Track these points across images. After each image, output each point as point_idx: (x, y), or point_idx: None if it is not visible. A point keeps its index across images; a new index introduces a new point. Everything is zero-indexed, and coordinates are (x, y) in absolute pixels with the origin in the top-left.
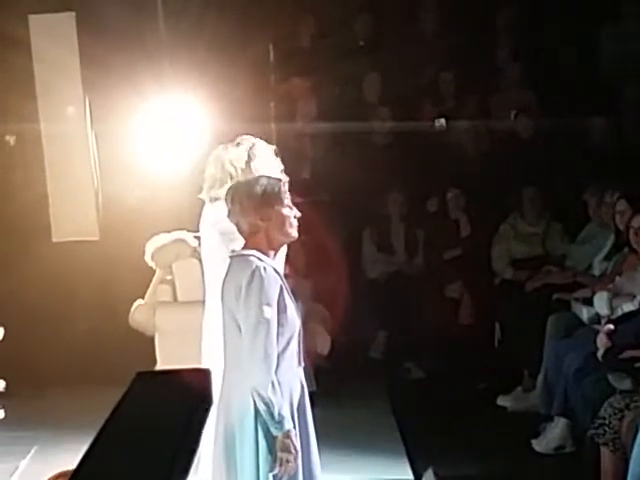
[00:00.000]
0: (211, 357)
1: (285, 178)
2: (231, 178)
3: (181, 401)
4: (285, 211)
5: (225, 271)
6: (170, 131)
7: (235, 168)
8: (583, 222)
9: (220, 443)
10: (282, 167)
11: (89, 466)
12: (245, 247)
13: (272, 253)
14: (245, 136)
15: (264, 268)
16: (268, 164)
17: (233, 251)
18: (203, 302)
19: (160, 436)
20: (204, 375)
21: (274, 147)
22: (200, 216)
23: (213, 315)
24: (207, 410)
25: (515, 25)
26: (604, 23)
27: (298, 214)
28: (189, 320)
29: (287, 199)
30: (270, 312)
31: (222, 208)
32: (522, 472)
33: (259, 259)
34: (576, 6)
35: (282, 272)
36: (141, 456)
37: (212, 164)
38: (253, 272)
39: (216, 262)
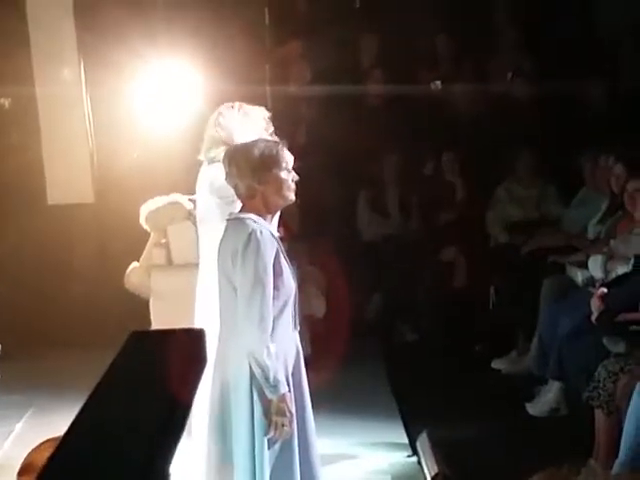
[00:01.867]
0: (205, 320)
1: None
2: (223, 140)
3: (175, 360)
4: (283, 174)
5: (221, 234)
6: (165, 94)
7: (223, 128)
8: (578, 185)
9: (215, 406)
10: (272, 130)
11: (81, 426)
12: (242, 210)
13: (269, 216)
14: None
15: (260, 231)
16: (257, 127)
17: (230, 214)
18: (197, 265)
19: (153, 395)
20: (198, 335)
21: (266, 110)
22: (197, 178)
23: (207, 278)
24: (201, 370)
25: None
26: None
27: (296, 177)
28: (183, 283)
29: (285, 162)
30: (266, 276)
31: (220, 170)
32: (516, 435)
33: (255, 222)
34: None
35: (277, 235)
36: (134, 415)
37: (211, 125)
38: (249, 235)
39: (212, 224)
